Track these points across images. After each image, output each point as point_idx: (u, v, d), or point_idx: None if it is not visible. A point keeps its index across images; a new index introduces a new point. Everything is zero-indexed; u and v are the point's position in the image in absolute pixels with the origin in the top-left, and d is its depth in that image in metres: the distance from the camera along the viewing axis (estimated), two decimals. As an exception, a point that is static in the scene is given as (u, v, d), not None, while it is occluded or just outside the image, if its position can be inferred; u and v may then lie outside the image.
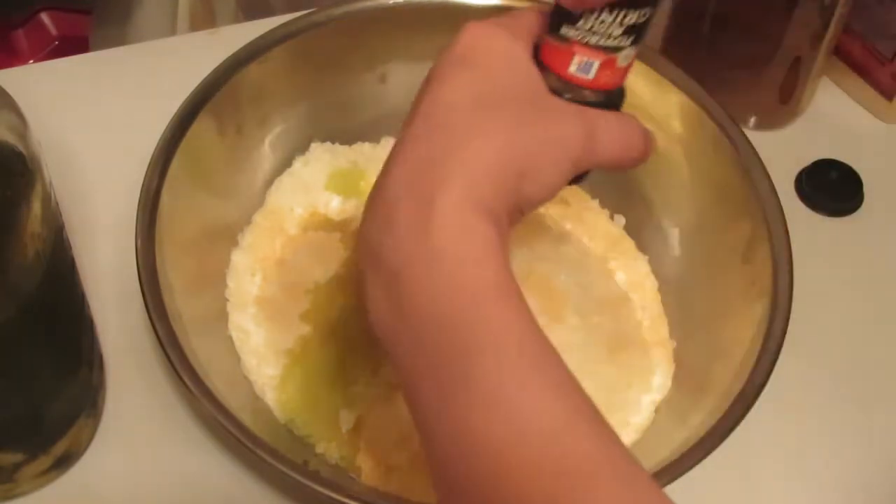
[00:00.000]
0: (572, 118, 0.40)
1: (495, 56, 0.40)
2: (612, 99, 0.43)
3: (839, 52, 0.69)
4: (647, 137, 0.43)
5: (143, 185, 0.51)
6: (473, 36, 0.40)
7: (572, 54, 0.40)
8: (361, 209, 0.59)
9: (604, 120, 0.41)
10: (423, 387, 0.36)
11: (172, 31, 0.80)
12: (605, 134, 0.41)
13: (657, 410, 0.54)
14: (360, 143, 0.62)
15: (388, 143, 0.62)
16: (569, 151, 0.40)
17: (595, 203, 0.62)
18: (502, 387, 0.34)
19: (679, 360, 0.56)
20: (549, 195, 0.40)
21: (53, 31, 0.84)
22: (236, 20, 0.87)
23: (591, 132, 0.40)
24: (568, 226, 0.61)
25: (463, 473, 0.34)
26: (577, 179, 0.42)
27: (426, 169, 0.37)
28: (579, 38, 0.40)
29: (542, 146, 0.39)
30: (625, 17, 0.39)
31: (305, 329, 0.55)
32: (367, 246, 0.38)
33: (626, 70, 0.42)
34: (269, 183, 0.60)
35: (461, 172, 0.37)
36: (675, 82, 0.58)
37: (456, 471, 0.35)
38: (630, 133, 0.42)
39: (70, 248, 0.48)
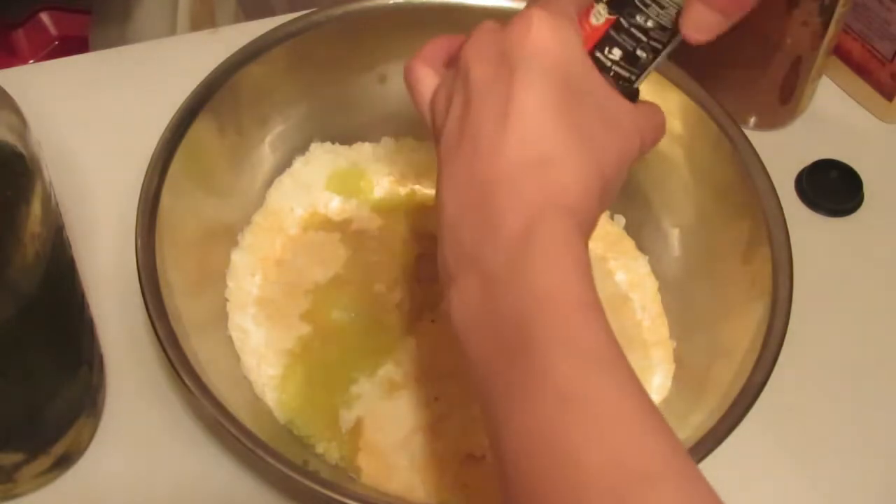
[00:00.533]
0: (632, 130, 0.42)
1: (569, 56, 0.40)
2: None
3: (839, 52, 0.69)
4: (665, 122, 0.46)
5: (143, 185, 0.51)
6: (547, 31, 0.40)
7: None
8: (361, 209, 0.60)
9: (646, 118, 0.43)
10: (500, 383, 0.37)
11: (172, 31, 0.80)
12: (648, 135, 0.43)
13: (657, 410, 0.54)
14: (360, 143, 0.62)
15: (388, 143, 0.62)
16: (631, 161, 0.42)
17: (595, 203, 0.62)
18: (581, 385, 0.36)
19: (679, 360, 0.56)
20: (613, 200, 0.42)
21: (53, 31, 0.84)
22: (236, 20, 0.87)
23: (643, 138, 0.43)
24: (568, 226, 0.61)
25: (533, 469, 0.36)
26: None
27: (529, 183, 0.39)
28: None
29: (619, 161, 0.41)
30: None
31: (305, 329, 0.55)
32: (461, 248, 0.40)
33: (594, 31, 0.42)
34: (269, 183, 0.60)
35: (564, 195, 0.39)
36: (675, 82, 0.58)
37: (527, 466, 0.36)
38: (661, 127, 0.45)
39: (70, 248, 0.48)
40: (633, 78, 0.43)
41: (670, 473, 0.35)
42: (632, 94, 0.43)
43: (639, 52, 0.43)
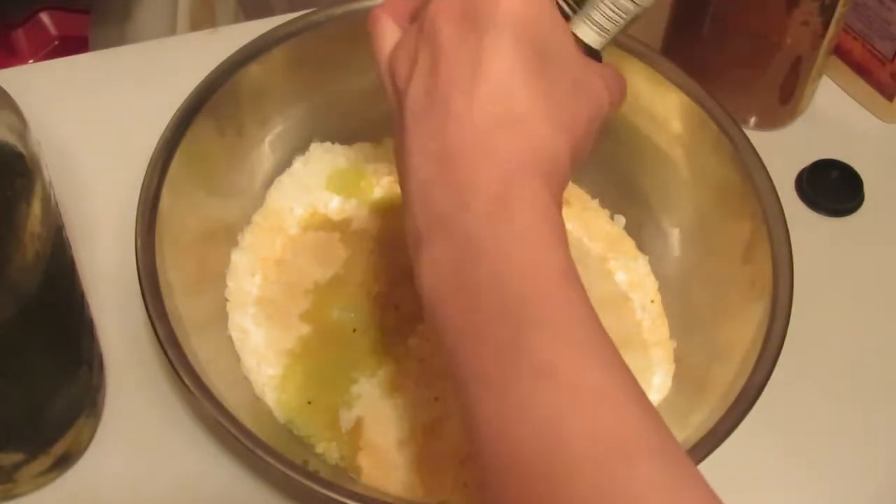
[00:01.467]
0: (601, 90, 0.42)
1: (540, 17, 0.40)
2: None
3: (839, 52, 0.69)
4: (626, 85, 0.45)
5: (143, 185, 0.51)
6: (526, 4, 0.40)
7: None
8: (361, 209, 0.60)
9: (612, 78, 0.43)
10: (473, 353, 0.37)
11: (172, 31, 0.80)
12: (616, 92, 0.43)
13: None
14: (360, 143, 0.62)
15: (388, 143, 0.62)
16: (602, 118, 0.42)
17: (595, 203, 0.62)
18: (556, 357, 0.35)
19: (679, 360, 0.56)
20: (583, 163, 0.42)
21: (53, 31, 0.84)
22: (236, 20, 0.87)
23: (612, 94, 0.42)
24: (568, 226, 0.60)
25: (510, 445, 0.35)
26: None
27: (500, 146, 0.38)
28: None
29: (588, 123, 0.41)
30: None
31: (305, 329, 0.55)
32: (432, 214, 0.39)
33: None
34: (269, 183, 0.60)
35: (536, 158, 0.39)
36: (675, 82, 0.58)
37: (503, 442, 0.35)
38: (623, 82, 0.44)
39: (70, 248, 0.48)
40: (568, 10, 0.43)
41: (651, 449, 0.34)
42: (595, 55, 0.43)
43: None
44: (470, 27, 0.40)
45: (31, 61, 0.83)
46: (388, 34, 0.44)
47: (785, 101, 0.68)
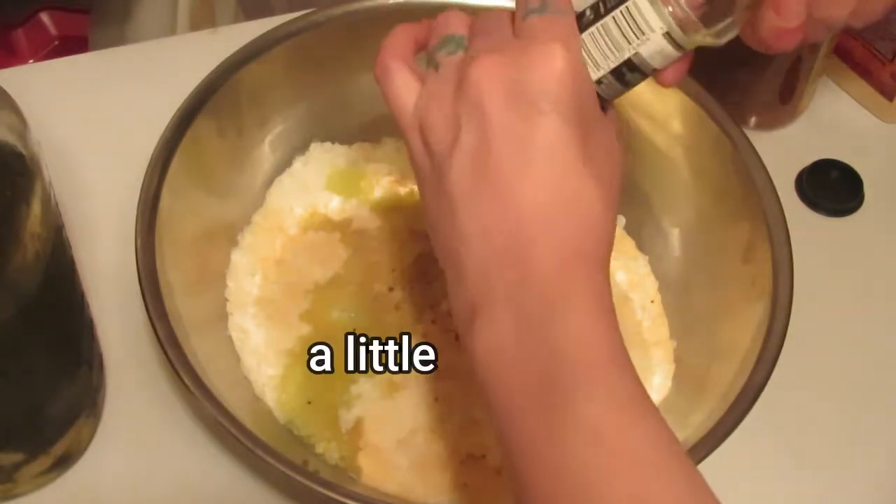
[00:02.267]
0: (615, 139, 0.43)
1: (583, 88, 0.41)
2: None
3: (839, 52, 0.69)
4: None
5: (143, 185, 0.51)
6: (569, 68, 0.40)
7: None
8: (361, 209, 0.60)
9: (616, 123, 0.44)
10: (522, 417, 0.38)
11: (172, 31, 0.80)
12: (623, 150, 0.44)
13: (657, 410, 0.54)
14: (360, 143, 0.62)
15: (388, 143, 0.62)
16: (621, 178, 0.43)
17: (595, 203, 0.62)
18: (612, 425, 0.36)
19: (679, 360, 0.56)
20: None
21: (53, 30, 0.84)
22: (236, 20, 0.87)
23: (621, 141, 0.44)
24: (568, 226, 0.61)
25: None
26: None
27: (559, 227, 0.39)
28: None
29: (619, 183, 0.42)
30: None
31: (305, 329, 0.55)
32: (491, 288, 0.40)
33: None
34: (269, 183, 0.60)
35: (591, 237, 0.40)
36: (675, 82, 0.58)
37: (546, 501, 0.36)
38: (618, 123, 0.45)
39: (70, 248, 0.48)
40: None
41: None
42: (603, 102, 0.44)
43: (587, 12, 0.42)
44: (520, 101, 0.40)
45: (31, 61, 0.83)
46: (406, 85, 0.43)
47: (785, 101, 0.68)
